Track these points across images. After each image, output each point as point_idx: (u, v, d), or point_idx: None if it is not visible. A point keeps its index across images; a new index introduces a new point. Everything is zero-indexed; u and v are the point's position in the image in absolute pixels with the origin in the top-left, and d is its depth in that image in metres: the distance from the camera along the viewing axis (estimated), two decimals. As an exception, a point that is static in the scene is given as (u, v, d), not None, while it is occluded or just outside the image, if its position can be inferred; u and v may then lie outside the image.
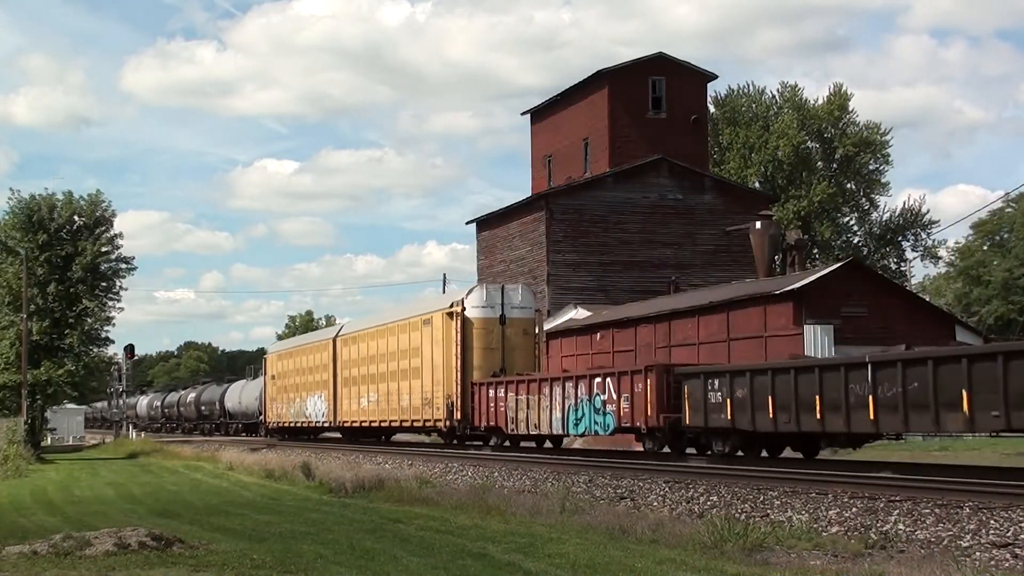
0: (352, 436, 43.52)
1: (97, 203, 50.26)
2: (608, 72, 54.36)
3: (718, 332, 39.90)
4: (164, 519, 18.07)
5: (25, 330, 45.55)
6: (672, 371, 24.93)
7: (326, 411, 44.26)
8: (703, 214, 53.74)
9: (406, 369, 36.67)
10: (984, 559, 11.80)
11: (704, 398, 23.14)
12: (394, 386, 37.55)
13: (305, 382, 46.94)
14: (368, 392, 40.02)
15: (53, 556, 12.54)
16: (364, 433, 42.62)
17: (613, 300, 51.38)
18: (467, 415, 32.81)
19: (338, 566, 11.93)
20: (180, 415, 72.17)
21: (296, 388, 48.13)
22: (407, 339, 36.82)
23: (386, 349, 38.61)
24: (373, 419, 39.93)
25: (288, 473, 27.46)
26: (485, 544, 13.54)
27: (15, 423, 43.74)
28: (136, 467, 38.11)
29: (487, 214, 59.21)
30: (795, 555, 12.63)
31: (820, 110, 76.15)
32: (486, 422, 32.07)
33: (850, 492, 16.37)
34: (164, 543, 13.24)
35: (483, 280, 36.81)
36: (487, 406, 31.87)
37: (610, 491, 19.55)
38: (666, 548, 13.14)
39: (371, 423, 40.45)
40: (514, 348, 33.62)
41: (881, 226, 77.20)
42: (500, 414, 31.18)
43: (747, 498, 17.05)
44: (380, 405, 38.94)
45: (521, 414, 30.03)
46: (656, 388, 24.74)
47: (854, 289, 37.07)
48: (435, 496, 20.38)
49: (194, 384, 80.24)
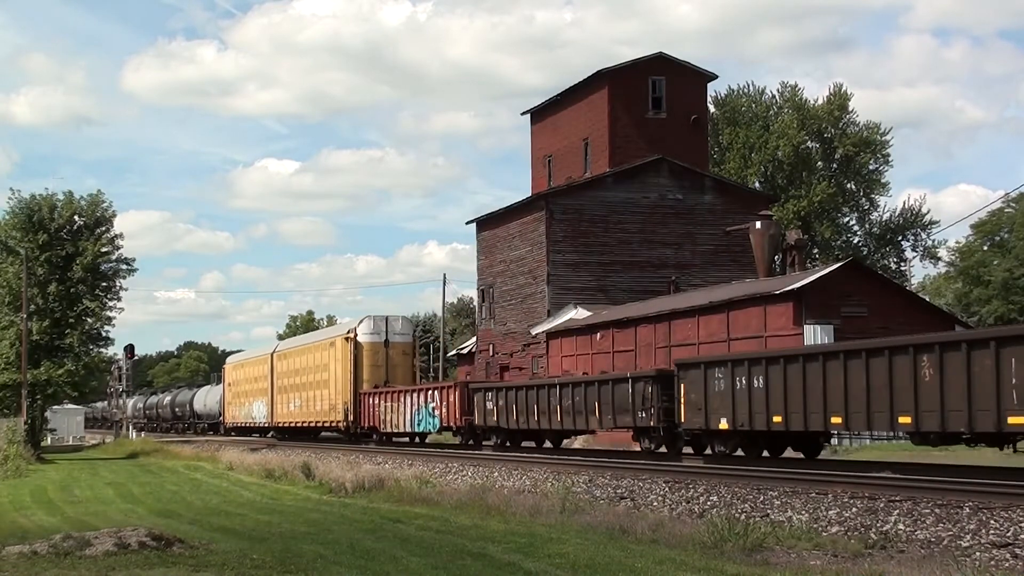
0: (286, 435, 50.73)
1: (97, 203, 50.26)
2: (608, 72, 54.33)
3: (718, 332, 39.92)
4: (164, 519, 18.07)
5: (25, 330, 45.54)
6: (468, 386, 36.56)
7: (266, 414, 53.24)
8: (703, 214, 53.71)
9: (319, 381, 45.94)
10: (984, 559, 11.80)
11: (484, 406, 34.36)
12: (312, 394, 46.94)
13: (252, 389, 56.13)
14: (294, 399, 49.29)
15: (53, 556, 12.54)
16: (293, 432, 50.29)
17: (613, 300, 51.37)
18: (357, 417, 42.41)
19: (338, 566, 11.92)
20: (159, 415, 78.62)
21: (246, 394, 57.12)
22: (320, 357, 46.16)
23: (306, 364, 47.91)
24: (299, 421, 48.86)
25: (288, 473, 27.47)
26: (485, 544, 13.54)
27: (15, 423, 43.75)
28: (136, 467, 38.11)
29: (487, 214, 59.19)
30: (795, 555, 12.63)
31: (820, 110, 76.15)
32: (369, 423, 41.50)
33: (850, 492, 16.37)
34: (164, 543, 13.24)
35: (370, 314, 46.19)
36: (370, 410, 41.69)
37: (610, 491, 19.55)
38: (666, 548, 13.13)
39: (298, 424, 49.36)
40: (396, 366, 44.11)
41: (881, 226, 77.21)
42: (377, 416, 40.97)
43: (747, 498, 17.05)
44: (303, 409, 47.93)
45: (388, 416, 39.96)
46: (460, 399, 35.16)
47: (854, 289, 37.09)
48: (435, 496, 20.38)
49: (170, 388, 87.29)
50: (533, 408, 31.04)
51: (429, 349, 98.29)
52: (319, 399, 46.07)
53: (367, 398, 42.00)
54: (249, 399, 56.44)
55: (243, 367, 59.41)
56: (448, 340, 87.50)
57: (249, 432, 55.43)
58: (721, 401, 22.99)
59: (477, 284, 60.62)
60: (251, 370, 57.23)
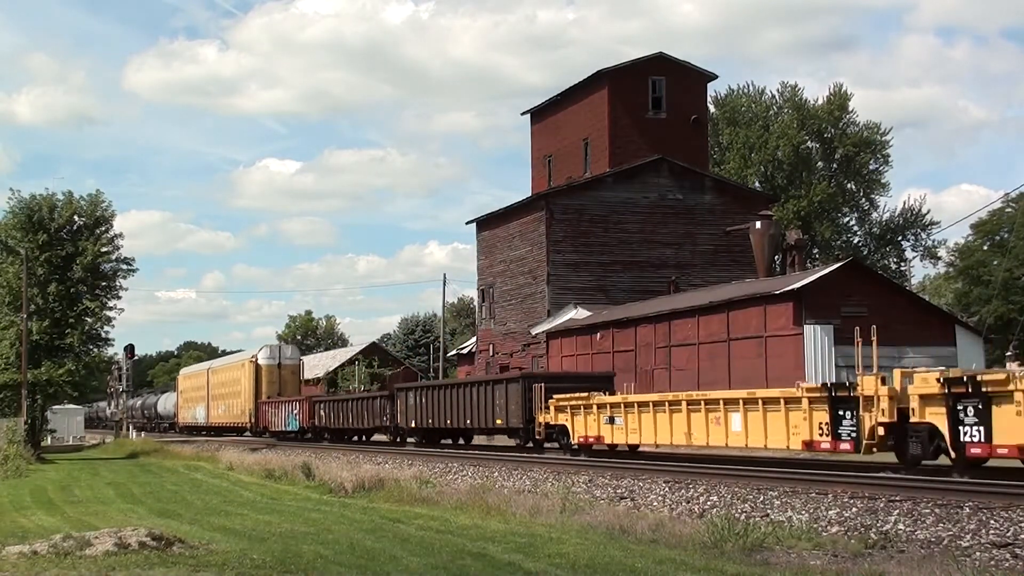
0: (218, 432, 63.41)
1: (97, 203, 50.23)
2: (608, 72, 54.36)
3: (718, 332, 39.93)
4: (164, 519, 18.07)
5: (25, 330, 45.54)
6: (312, 399, 51.26)
7: (205, 416, 67.16)
8: (703, 214, 53.74)
9: (235, 392, 61.03)
10: (984, 559, 11.80)
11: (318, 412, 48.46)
12: (231, 402, 61.82)
13: (196, 396, 70.01)
14: (221, 405, 64.03)
15: (53, 556, 12.54)
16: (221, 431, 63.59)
17: (613, 300, 51.40)
18: (257, 420, 56.83)
19: (338, 566, 11.92)
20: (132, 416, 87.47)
21: (192, 400, 71.26)
22: (236, 375, 61.50)
23: (228, 379, 62.98)
24: (224, 422, 63.01)
25: (288, 473, 27.48)
26: (485, 544, 13.54)
27: (15, 423, 43.75)
28: (136, 467, 38.12)
29: (487, 214, 59.21)
30: (795, 555, 12.62)
31: (820, 110, 76.17)
32: (264, 424, 55.32)
33: (850, 492, 16.38)
34: (164, 543, 13.23)
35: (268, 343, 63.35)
36: (264, 415, 55.84)
37: (610, 491, 19.55)
38: (666, 548, 13.13)
39: (223, 424, 63.18)
40: (286, 382, 58.64)
41: (881, 226, 77.24)
42: (268, 419, 54.92)
43: (747, 498, 17.06)
44: (226, 413, 62.71)
45: (273, 419, 54.08)
46: (306, 408, 49.71)
47: (854, 289, 37.10)
48: (435, 496, 20.39)
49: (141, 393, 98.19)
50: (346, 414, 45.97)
51: (429, 349, 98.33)
52: (235, 406, 60.92)
53: (263, 405, 56.46)
54: (194, 404, 70.38)
55: (190, 379, 74.15)
56: (448, 340, 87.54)
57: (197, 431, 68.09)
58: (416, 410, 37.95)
59: (477, 284, 60.65)
60: (195, 381, 71.37)
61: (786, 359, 36.43)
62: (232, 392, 61.54)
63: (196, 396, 69.52)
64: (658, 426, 24.62)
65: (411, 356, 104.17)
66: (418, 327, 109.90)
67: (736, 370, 38.00)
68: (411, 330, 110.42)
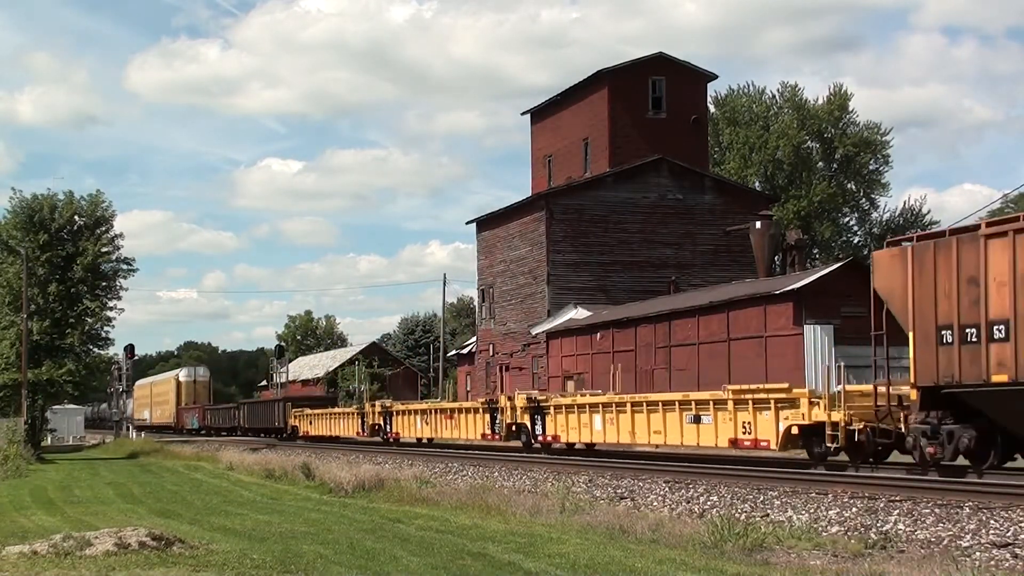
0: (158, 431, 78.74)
1: (97, 203, 50.27)
2: (608, 72, 54.35)
3: (718, 332, 39.92)
4: (164, 519, 18.07)
5: (25, 330, 45.55)
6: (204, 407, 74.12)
7: (149, 417, 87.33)
8: (703, 214, 53.73)
9: (166, 400, 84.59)
10: (984, 559, 11.80)
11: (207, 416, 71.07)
12: (164, 408, 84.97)
13: (144, 402, 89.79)
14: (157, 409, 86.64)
15: (53, 556, 12.53)
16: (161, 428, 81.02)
17: (613, 300, 51.39)
18: (180, 421, 79.18)
19: (338, 566, 11.92)
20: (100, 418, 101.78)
21: (141, 405, 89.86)
22: (166, 387, 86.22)
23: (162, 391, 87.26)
24: (160, 422, 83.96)
25: (288, 473, 27.47)
26: (485, 544, 13.54)
27: (15, 423, 43.75)
28: (136, 467, 38.13)
29: (487, 214, 59.22)
30: (795, 555, 12.63)
31: (820, 110, 76.17)
32: (181, 424, 77.58)
33: (850, 492, 16.38)
34: (164, 543, 13.23)
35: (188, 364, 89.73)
36: (181, 417, 78.88)
37: (610, 491, 19.56)
38: (666, 548, 13.13)
39: (161, 423, 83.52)
40: (199, 394, 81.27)
41: (881, 226, 77.21)
42: (185, 421, 77.09)
43: (747, 498, 17.06)
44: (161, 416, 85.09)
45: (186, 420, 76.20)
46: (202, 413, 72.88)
47: (854, 289, 37.05)
48: (435, 496, 20.38)
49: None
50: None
51: (429, 349, 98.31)
52: (166, 410, 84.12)
53: (181, 411, 79.82)
54: (143, 408, 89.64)
55: (141, 389, 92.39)
56: (448, 340, 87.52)
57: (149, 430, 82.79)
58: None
59: (477, 284, 60.63)
60: (143, 391, 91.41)
61: (786, 359, 36.43)
62: (164, 400, 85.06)
63: (144, 402, 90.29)
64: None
65: (411, 356, 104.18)
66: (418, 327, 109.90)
67: (736, 370, 37.99)
68: (411, 330, 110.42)
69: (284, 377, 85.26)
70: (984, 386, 17.32)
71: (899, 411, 19.17)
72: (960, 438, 17.84)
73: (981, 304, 17.23)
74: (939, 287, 17.98)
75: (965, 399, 17.93)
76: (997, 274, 17.05)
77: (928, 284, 18.19)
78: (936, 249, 18.15)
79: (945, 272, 17.90)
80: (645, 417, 25.36)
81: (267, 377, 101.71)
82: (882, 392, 19.49)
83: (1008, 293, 16.86)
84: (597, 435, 27.57)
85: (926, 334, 18.18)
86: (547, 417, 29.82)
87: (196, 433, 70.26)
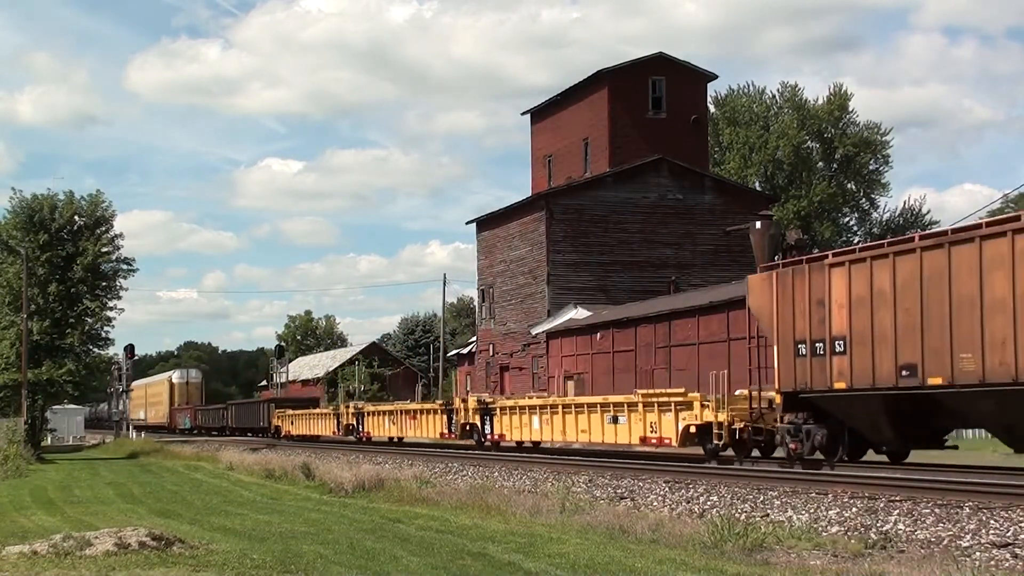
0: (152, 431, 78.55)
1: (97, 203, 50.25)
2: (608, 72, 54.35)
3: (718, 332, 39.92)
4: (164, 519, 18.07)
5: (25, 330, 45.54)
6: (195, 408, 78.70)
7: (144, 417, 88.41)
8: (703, 214, 53.74)
9: (160, 401, 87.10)
10: (984, 559, 11.80)
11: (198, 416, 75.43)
12: (158, 408, 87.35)
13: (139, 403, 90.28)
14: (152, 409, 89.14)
15: (53, 556, 12.53)
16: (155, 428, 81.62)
17: (613, 300, 51.38)
18: (172, 421, 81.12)
19: (338, 566, 11.92)
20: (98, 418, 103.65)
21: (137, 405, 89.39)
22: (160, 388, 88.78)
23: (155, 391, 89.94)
24: (154, 422, 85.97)
25: (288, 473, 27.46)
26: (485, 544, 13.54)
27: (15, 423, 43.75)
28: (136, 467, 38.12)
29: (487, 214, 59.22)
30: (795, 555, 12.62)
31: (820, 110, 76.17)
32: (174, 424, 79.44)
33: (850, 492, 16.38)
34: (164, 543, 13.23)
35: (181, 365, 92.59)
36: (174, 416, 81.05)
37: (610, 491, 19.56)
38: (666, 548, 13.13)
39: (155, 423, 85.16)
40: (192, 395, 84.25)
41: (881, 226, 77.22)
42: (177, 420, 79.35)
43: (747, 498, 17.06)
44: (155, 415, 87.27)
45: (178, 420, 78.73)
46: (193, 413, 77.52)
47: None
48: (435, 496, 20.38)
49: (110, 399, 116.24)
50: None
51: (429, 349, 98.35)
52: (160, 411, 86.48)
53: (174, 411, 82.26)
54: (138, 408, 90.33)
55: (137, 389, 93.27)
56: (448, 340, 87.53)
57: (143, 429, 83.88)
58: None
59: (477, 284, 60.63)
60: (139, 392, 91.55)
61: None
62: (158, 401, 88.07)
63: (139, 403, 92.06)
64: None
65: (411, 356, 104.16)
66: (418, 327, 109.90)
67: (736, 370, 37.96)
68: (411, 330, 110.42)
69: (284, 377, 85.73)
70: (829, 392, 20.28)
71: (770, 413, 22.25)
72: (815, 436, 20.85)
73: (826, 322, 20.20)
74: (796, 307, 21.00)
75: (817, 403, 20.78)
76: (838, 297, 20.00)
77: (788, 304, 21.22)
78: (794, 274, 21.15)
79: (801, 294, 20.88)
80: (574, 418, 28.12)
81: (267, 377, 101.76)
82: (755, 396, 22.60)
83: (846, 314, 19.81)
84: (536, 433, 30.69)
85: (787, 347, 21.25)
86: (495, 418, 32.79)
87: (188, 432, 72.33)
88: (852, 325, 19.62)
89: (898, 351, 18.73)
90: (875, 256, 19.42)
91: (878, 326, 19.10)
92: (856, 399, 19.83)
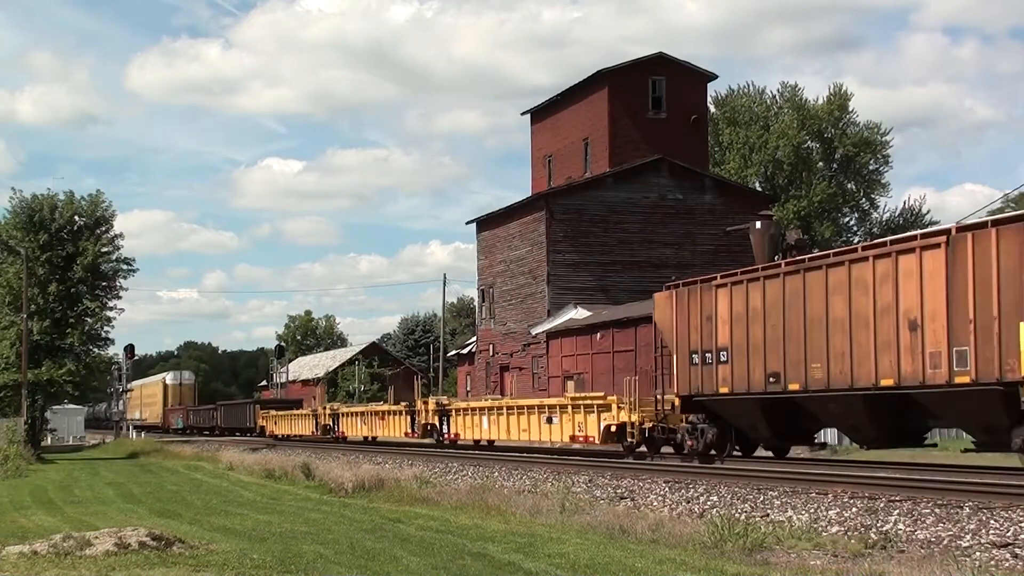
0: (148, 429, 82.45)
1: (97, 203, 50.28)
2: (608, 72, 54.33)
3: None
4: (164, 519, 18.07)
5: (25, 330, 45.55)
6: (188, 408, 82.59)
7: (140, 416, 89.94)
8: (703, 214, 53.72)
9: (155, 401, 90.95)
10: (984, 559, 11.80)
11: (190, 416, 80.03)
12: (153, 408, 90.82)
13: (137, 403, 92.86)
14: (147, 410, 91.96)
15: (53, 556, 12.53)
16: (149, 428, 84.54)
17: (613, 300, 51.36)
18: (166, 421, 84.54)
19: (338, 566, 11.93)
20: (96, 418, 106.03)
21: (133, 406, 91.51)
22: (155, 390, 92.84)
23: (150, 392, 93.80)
24: (150, 422, 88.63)
25: (288, 473, 27.48)
26: (485, 544, 13.55)
27: (15, 423, 43.76)
28: (136, 467, 38.12)
29: (487, 214, 59.22)
30: (795, 555, 12.63)
31: (820, 110, 76.15)
32: (168, 424, 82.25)
33: (850, 492, 16.39)
34: (164, 543, 13.23)
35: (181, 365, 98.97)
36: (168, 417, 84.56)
37: (610, 491, 19.57)
38: (666, 548, 13.13)
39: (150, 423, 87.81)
40: (185, 396, 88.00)
41: (881, 226, 77.18)
42: (170, 421, 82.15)
43: (747, 498, 17.06)
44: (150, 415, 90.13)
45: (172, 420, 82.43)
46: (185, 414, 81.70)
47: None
48: (435, 496, 20.39)
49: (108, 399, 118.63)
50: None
51: (429, 349, 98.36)
52: (154, 411, 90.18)
53: (168, 412, 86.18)
54: (134, 409, 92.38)
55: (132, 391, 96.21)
56: (448, 340, 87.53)
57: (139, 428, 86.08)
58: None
59: (477, 284, 60.62)
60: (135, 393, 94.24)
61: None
62: (153, 402, 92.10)
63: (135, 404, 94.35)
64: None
65: (411, 356, 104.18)
66: (418, 327, 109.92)
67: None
68: (411, 330, 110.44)
69: (284, 377, 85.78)
70: (716, 396, 23.34)
71: (673, 414, 25.24)
72: (707, 434, 23.93)
73: (713, 336, 23.37)
74: (691, 322, 24.18)
75: (708, 405, 23.86)
76: (722, 313, 23.21)
77: (685, 319, 24.43)
78: (689, 294, 24.42)
79: (694, 310, 24.13)
80: (516, 418, 31.12)
81: (267, 377, 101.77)
82: (660, 399, 25.66)
83: (728, 329, 22.93)
84: (485, 432, 33.57)
85: (684, 356, 24.41)
86: (451, 418, 35.73)
87: (181, 432, 76.11)
88: (733, 338, 22.72)
89: (767, 361, 21.74)
90: (751, 279, 22.71)
91: (752, 339, 22.13)
92: (737, 402, 22.92)
